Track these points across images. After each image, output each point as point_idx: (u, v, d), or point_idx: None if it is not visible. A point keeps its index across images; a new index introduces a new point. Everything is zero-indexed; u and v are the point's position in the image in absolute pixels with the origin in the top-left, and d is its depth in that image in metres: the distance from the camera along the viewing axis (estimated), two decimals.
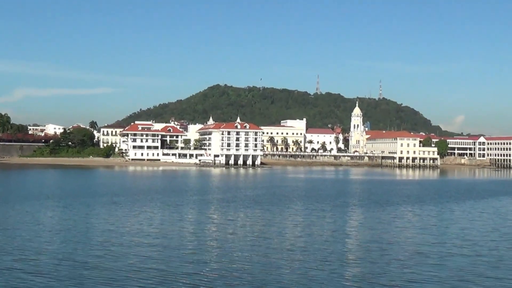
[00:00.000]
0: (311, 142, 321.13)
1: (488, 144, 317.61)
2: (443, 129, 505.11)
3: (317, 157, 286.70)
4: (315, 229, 55.61)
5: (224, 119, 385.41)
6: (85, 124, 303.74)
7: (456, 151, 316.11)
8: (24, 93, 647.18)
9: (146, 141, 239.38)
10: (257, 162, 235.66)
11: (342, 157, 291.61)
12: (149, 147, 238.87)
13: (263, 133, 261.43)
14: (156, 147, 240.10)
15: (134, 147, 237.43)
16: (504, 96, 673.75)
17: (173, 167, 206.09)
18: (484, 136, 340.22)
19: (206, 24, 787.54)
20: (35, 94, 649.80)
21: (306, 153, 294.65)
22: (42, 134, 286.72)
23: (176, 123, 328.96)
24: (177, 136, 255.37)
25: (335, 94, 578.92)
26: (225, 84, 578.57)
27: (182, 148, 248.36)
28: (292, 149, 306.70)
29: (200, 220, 61.60)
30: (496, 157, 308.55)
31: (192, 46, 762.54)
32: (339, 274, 37.01)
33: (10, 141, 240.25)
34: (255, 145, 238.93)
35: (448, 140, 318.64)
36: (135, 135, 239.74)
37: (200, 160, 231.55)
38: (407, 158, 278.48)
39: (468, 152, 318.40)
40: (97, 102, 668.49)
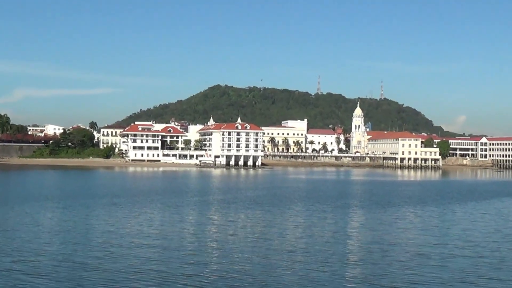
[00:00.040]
0: (312, 142, 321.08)
1: (490, 144, 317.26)
2: (445, 130, 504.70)
3: (318, 158, 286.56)
4: (316, 230, 55.36)
5: (225, 119, 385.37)
6: (85, 125, 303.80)
7: (458, 152, 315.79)
8: (23, 93, 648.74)
9: (146, 141, 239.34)
10: (258, 163, 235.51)
11: (343, 158, 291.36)
12: (149, 148, 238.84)
13: (264, 133, 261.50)
14: (156, 148, 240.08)
15: (134, 147, 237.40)
16: (506, 96, 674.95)
17: (174, 168, 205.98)
18: (486, 136, 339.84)
19: (206, 24, 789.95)
20: (35, 94, 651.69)
21: (307, 154, 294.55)
22: (42, 135, 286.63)
23: (176, 123, 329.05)
24: (177, 137, 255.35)
25: (336, 95, 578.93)
26: (225, 85, 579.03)
27: (182, 148, 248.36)
28: (293, 149, 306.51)
29: (200, 221, 61.37)
30: (498, 158, 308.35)
31: (192, 46, 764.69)
32: (340, 275, 36.79)
33: (10, 141, 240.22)
34: (256, 146, 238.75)
35: (450, 141, 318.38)
36: (135, 135, 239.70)
37: (200, 161, 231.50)
38: (409, 158, 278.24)
39: (470, 152, 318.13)
40: (97, 102, 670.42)
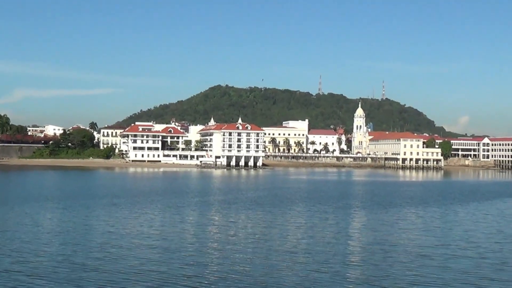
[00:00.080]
0: (313, 143, 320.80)
1: (492, 145, 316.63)
2: (447, 130, 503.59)
3: (320, 159, 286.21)
4: (317, 231, 55.18)
5: (226, 120, 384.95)
6: (85, 125, 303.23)
7: (460, 152, 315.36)
8: (23, 93, 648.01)
9: (147, 142, 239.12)
10: (259, 163, 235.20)
11: (345, 158, 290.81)
12: (149, 148, 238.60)
13: (265, 134, 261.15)
14: (156, 148, 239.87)
15: (135, 148, 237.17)
16: (507, 96, 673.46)
17: (174, 169, 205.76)
18: (488, 137, 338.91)
19: (206, 24, 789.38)
20: (35, 94, 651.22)
21: (308, 154, 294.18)
22: (42, 135, 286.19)
23: (177, 124, 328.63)
24: (178, 137, 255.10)
25: (337, 95, 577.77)
26: (226, 85, 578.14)
27: (183, 149, 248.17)
28: (294, 150, 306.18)
29: (201, 222, 61.21)
30: (501, 158, 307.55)
31: (193, 46, 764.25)
32: (342, 276, 36.62)
33: (10, 142, 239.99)
34: (257, 146, 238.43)
35: (452, 141, 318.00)
36: (135, 136, 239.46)
37: (201, 162, 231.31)
38: (411, 159, 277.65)
39: (472, 153, 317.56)
40: (97, 102, 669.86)
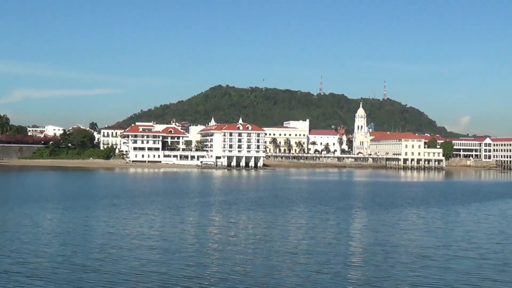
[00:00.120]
0: (314, 143, 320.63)
1: (494, 145, 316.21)
2: (449, 130, 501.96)
3: (320, 159, 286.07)
4: (318, 232, 55.06)
5: (226, 120, 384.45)
6: (85, 126, 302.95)
7: (462, 153, 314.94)
8: (23, 94, 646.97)
9: (147, 142, 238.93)
10: (260, 163, 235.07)
11: (346, 159, 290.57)
12: (150, 149, 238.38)
13: (266, 134, 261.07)
14: (157, 149, 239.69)
15: (135, 148, 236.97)
16: (508, 96, 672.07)
17: (174, 169, 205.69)
18: (490, 137, 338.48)
19: (206, 24, 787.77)
20: (35, 95, 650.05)
21: (309, 155, 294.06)
22: (42, 136, 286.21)
23: (177, 124, 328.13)
24: (178, 138, 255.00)
25: (338, 95, 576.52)
26: (227, 85, 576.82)
27: (183, 149, 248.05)
28: (295, 150, 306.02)
29: (201, 222, 61.10)
30: (502, 159, 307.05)
31: (193, 46, 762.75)
32: (343, 277, 36.49)
33: (9, 142, 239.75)
34: (258, 147, 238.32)
35: (453, 142, 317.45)
36: (135, 136, 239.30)
37: (201, 162, 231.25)
38: (412, 159, 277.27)
39: (473, 153, 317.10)
40: (97, 103, 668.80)
